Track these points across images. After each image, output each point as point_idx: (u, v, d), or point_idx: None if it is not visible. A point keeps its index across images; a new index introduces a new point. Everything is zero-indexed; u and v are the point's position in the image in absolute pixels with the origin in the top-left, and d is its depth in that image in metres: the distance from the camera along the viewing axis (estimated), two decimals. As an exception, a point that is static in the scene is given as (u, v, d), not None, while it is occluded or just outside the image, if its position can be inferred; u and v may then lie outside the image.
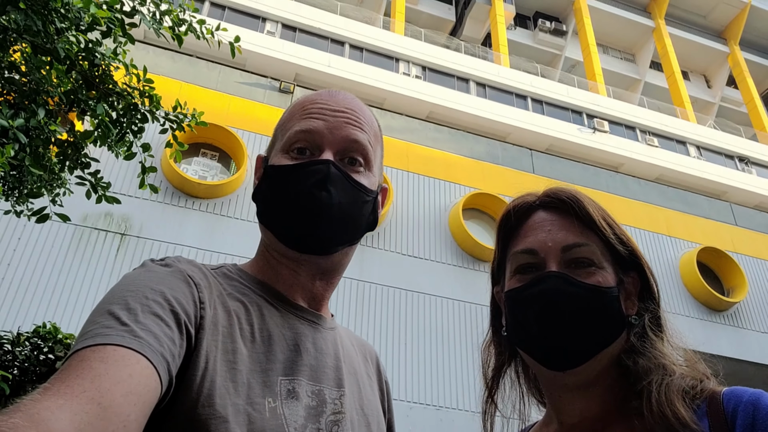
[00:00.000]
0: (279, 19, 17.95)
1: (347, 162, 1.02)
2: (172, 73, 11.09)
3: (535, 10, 26.11)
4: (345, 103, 1.06)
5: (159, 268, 0.89)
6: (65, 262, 8.63)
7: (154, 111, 3.60)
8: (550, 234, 1.00)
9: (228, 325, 0.88)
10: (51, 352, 4.52)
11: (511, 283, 1.02)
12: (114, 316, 0.76)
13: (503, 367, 1.10)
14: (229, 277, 1.00)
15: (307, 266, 1.02)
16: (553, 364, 0.95)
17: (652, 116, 21.35)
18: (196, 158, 10.69)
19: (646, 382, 0.89)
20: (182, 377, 0.79)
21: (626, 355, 0.94)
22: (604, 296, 0.94)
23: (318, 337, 1.00)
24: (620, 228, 1.02)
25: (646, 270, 1.02)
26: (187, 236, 9.51)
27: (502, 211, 1.10)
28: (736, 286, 12.92)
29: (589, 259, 0.97)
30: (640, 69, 26.52)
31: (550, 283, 0.95)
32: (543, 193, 1.07)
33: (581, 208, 1.00)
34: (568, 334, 0.93)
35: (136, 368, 0.70)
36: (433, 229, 11.36)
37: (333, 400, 0.94)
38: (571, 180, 13.27)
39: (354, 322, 9.73)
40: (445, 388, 9.66)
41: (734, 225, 14.40)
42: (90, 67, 3.32)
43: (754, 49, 28.40)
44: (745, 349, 12.24)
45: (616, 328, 0.95)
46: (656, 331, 0.97)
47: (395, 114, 13.47)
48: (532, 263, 0.99)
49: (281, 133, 1.07)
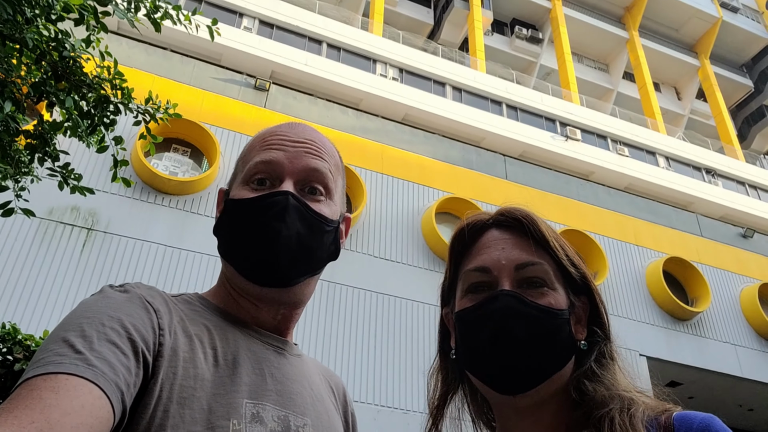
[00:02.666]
0: (256, 14, 17.80)
1: (308, 191, 1.02)
2: (145, 66, 10.89)
3: (512, 16, 26.35)
4: (305, 134, 1.06)
5: (117, 295, 0.87)
6: (28, 257, 8.39)
7: (126, 103, 3.53)
8: (504, 252, 0.97)
9: (189, 350, 0.87)
10: (10, 353, 4.36)
11: (462, 302, 0.99)
12: (68, 344, 0.74)
13: (449, 393, 1.06)
14: (191, 304, 0.99)
15: (269, 300, 1.01)
16: (504, 387, 0.92)
17: (623, 126, 21.72)
18: (167, 154, 10.51)
19: (606, 410, 0.86)
20: (137, 406, 0.78)
21: (587, 381, 0.92)
22: (555, 318, 0.92)
23: (284, 363, 1.00)
24: (572, 250, 1.01)
25: (596, 296, 1.00)
26: (155, 233, 9.34)
27: (455, 230, 1.07)
28: (700, 296, 13.19)
29: (542, 279, 0.95)
30: (613, 79, 26.95)
31: (502, 302, 0.92)
32: (497, 212, 1.05)
33: (535, 228, 0.99)
34: (520, 356, 0.90)
35: (88, 399, 0.68)
36: (405, 232, 11.35)
37: (297, 427, 0.92)
38: (542, 187, 13.41)
39: (324, 323, 9.67)
40: (413, 391, 9.65)
41: (700, 236, 14.70)
42: (60, 59, 3.23)
43: (724, 63, 29.11)
44: (708, 358, 12.50)
45: (567, 352, 0.93)
46: (611, 360, 0.95)
47: (371, 115, 13.44)
48: (484, 282, 0.97)
49: (242, 166, 1.06)
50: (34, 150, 3.44)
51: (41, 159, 3.54)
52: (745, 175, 22.82)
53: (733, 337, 13.09)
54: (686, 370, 12.36)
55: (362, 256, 10.72)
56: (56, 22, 3.30)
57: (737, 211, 20.51)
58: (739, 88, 29.27)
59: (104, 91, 3.42)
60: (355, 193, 11.02)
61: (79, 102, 3.35)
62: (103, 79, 3.50)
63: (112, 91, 3.52)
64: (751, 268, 14.58)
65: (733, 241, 15.09)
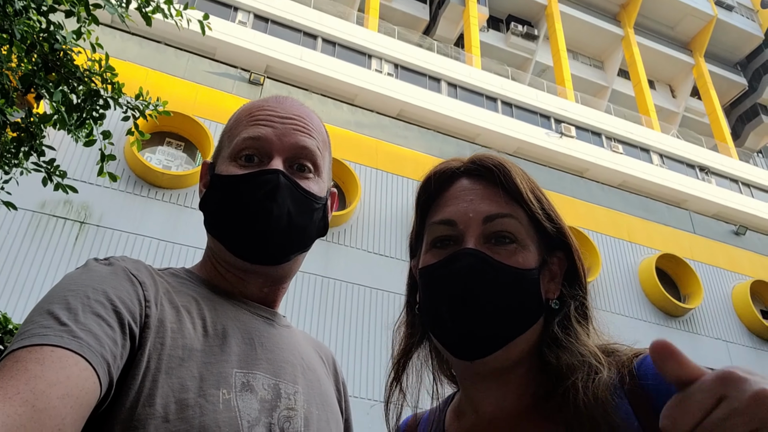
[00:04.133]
0: (251, 9, 17.73)
1: (296, 169, 1.02)
2: (138, 59, 10.84)
3: (508, 13, 26.33)
4: (293, 110, 1.05)
5: (102, 267, 0.87)
6: (20, 250, 8.36)
7: (116, 98, 3.50)
8: (472, 204, 0.90)
9: (176, 320, 0.87)
10: (1, 342, 4.36)
11: (425, 258, 0.93)
12: (53, 316, 0.73)
13: (413, 347, 1.02)
14: (178, 276, 0.99)
15: (256, 275, 1.02)
16: (460, 352, 0.86)
17: (618, 123, 21.75)
18: (160, 147, 10.47)
19: (571, 381, 0.80)
20: (125, 377, 0.78)
21: (548, 349, 0.86)
22: (522, 279, 0.85)
23: (273, 333, 1.00)
24: (549, 203, 0.94)
25: (574, 251, 0.92)
26: (148, 227, 9.31)
27: (423, 177, 1.00)
28: (692, 293, 13.26)
29: (512, 234, 0.88)
30: (608, 76, 26.97)
31: (464, 262, 0.85)
32: (468, 160, 0.97)
33: (508, 179, 0.91)
34: (478, 320, 0.84)
35: (74, 370, 0.68)
36: (399, 227, 11.36)
37: (288, 395, 0.93)
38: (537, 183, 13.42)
39: (318, 318, 9.67)
40: (406, 386, 9.66)
41: (693, 233, 14.76)
42: (51, 50, 3.20)
43: (718, 61, 29.18)
44: (700, 355, 12.56)
45: (532, 315, 0.87)
46: (581, 321, 0.88)
47: (366, 111, 13.42)
48: (449, 235, 0.90)
49: (228, 140, 1.05)
50: (21, 143, 3.41)
51: (26, 153, 3.51)
52: (738, 172, 22.91)
53: (725, 334, 13.17)
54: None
55: (356, 251, 10.72)
56: (47, 13, 3.27)
57: (730, 209, 20.60)
58: (734, 86, 29.35)
59: (94, 85, 3.39)
60: (350, 188, 11.01)
61: (69, 95, 3.33)
62: (93, 72, 3.47)
63: (102, 85, 3.49)
64: (743, 265, 14.66)
65: (726, 239, 15.16)
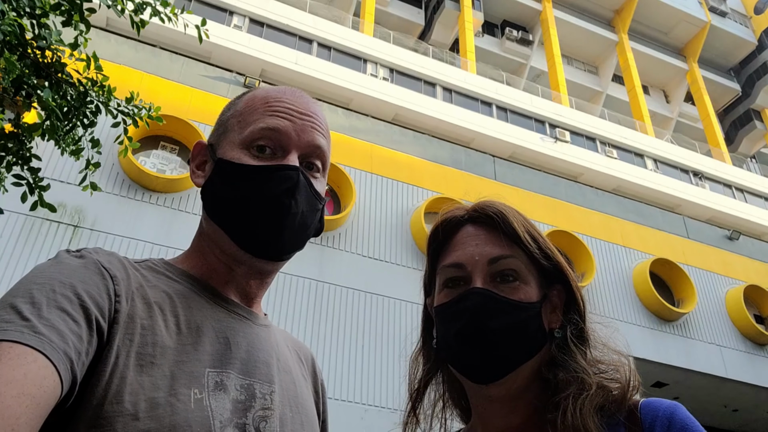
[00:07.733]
0: (246, 13, 17.73)
1: (305, 166, 1.00)
2: (133, 63, 10.82)
3: (503, 18, 26.41)
4: (309, 107, 1.05)
5: (72, 260, 0.84)
6: (13, 254, 8.31)
7: (107, 102, 3.43)
8: (477, 248, 1.03)
9: (148, 317, 0.85)
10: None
11: (440, 297, 1.06)
12: (16, 311, 0.71)
13: (430, 378, 1.13)
14: (155, 270, 0.96)
15: (248, 267, 1.00)
16: (475, 377, 0.99)
17: (612, 128, 21.83)
18: (155, 151, 10.44)
19: (564, 395, 0.92)
20: (91, 374, 0.76)
21: (546, 368, 0.99)
22: (525, 312, 0.98)
23: (249, 332, 0.97)
24: (545, 241, 1.06)
25: (572, 283, 1.05)
26: (142, 231, 9.27)
27: (432, 226, 1.13)
28: (686, 298, 13.28)
29: (514, 272, 1.01)
30: (602, 81, 27.08)
31: (474, 300, 0.98)
32: (471, 208, 1.11)
33: (506, 224, 1.04)
34: (490, 349, 0.97)
35: (32, 367, 0.66)
36: (394, 231, 11.35)
37: (263, 395, 0.91)
38: (531, 188, 13.46)
39: (311, 322, 9.65)
40: (401, 391, 9.57)
41: (686, 238, 14.80)
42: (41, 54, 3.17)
43: (712, 67, 29.34)
44: (693, 359, 12.59)
45: (536, 343, 0.99)
46: (577, 343, 1.00)
47: (361, 115, 13.42)
48: (459, 276, 1.03)
49: (239, 126, 1.01)
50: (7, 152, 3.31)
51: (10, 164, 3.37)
52: (731, 178, 23.02)
53: (719, 339, 13.19)
54: (672, 370, 12.44)
55: (351, 256, 10.70)
56: (40, 17, 3.24)
57: (724, 214, 20.68)
58: (727, 92, 29.51)
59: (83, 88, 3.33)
60: (345, 192, 11.00)
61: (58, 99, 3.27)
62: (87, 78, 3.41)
63: (92, 88, 3.43)
64: (736, 269, 14.70)
65: (720, 243, 15.21)
